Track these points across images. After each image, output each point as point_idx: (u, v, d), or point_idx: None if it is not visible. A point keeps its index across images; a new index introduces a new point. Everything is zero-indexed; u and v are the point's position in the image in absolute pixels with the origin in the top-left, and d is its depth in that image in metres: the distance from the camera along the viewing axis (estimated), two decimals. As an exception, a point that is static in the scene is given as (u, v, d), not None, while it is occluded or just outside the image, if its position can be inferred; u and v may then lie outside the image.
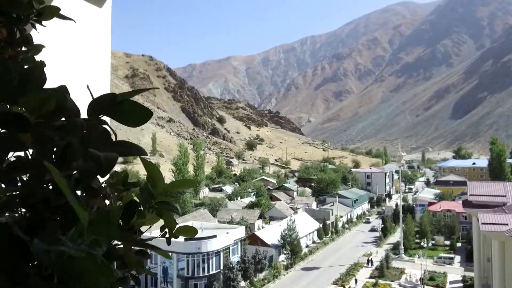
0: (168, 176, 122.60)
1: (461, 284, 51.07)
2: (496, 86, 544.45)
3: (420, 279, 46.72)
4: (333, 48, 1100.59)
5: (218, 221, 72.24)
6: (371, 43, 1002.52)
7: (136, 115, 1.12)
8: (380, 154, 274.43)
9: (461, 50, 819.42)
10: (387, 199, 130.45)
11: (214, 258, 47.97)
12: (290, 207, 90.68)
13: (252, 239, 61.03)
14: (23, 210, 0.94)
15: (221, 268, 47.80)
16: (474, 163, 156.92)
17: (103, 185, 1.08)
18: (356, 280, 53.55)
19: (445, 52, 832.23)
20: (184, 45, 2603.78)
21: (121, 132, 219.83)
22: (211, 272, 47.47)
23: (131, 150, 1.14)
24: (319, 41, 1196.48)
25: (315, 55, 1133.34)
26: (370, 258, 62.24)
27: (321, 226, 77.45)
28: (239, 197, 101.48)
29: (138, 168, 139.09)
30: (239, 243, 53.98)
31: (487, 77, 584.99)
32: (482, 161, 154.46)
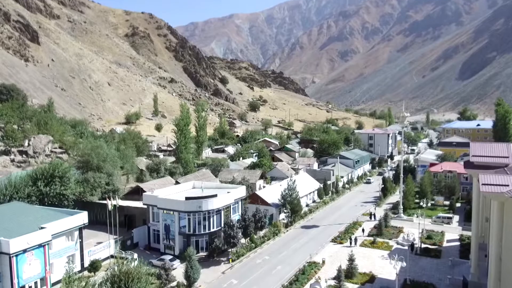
0: (170, 136, 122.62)
1: (458, 243, 51.97)
2: (506, 46, 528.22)
3: (410, 244, 47.16)
4: (340, 5, 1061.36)
5: (219, 181, 72.95)
6: (379, 0, 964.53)
7: None
8: (384, 116, 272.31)
9: (473, 8, 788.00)
10: (389, 160, 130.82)
11: (215, 216, 48.71)
12: (292, 168, 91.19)
13: (253, 198, 61.81)
14: None
15: (222, 225, 48.65)
16: (478, 125, 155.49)
17: None
18: (363, 230, 56.59)
19: (455, 10, 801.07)
20: (185, 2, 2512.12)
21: (123, 93, 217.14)
22: (212, 230, 48.39)
23: None
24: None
25: (321, 12, 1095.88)
26: (373, 213, 65.27)
27: (321, 186, 78.13)
28: (241, 158, 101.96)
29: (140, 129, 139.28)
30: (240, 202, 54.64)
31: (498, 37, 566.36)
32: (487, 123, 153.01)
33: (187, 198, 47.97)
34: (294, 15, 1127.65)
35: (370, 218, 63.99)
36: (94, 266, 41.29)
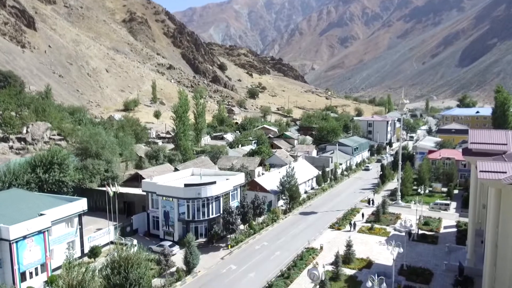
0: (169, 123, 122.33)
1: (454, 229, 52.44)
2: (507, 32, 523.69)
3: (408, 231, 47.37)
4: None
5: (218, 168, 73.09)
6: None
7: None
8: (383, 103, 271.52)
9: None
10: (388, 147, 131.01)
11: (214, 203, 48.94)
12: (290, 155, 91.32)
13: (251, 185, 62.04)
14: None
15: (221, 212, 48.94)
16: (477, 112, 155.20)
17: None
18: (362, 214, 57.58)
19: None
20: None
21: (121, 79, 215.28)
22: (211, 216, 48.69)
23: None
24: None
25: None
26: (372, 199, 66.13)
27: (320, 173, 78.36)
28: (240, 145, 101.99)
29: (138, 116, 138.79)
30: (239, 189, 54.84)
31: (499, 23, 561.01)
32: (486, 110, 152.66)
33: (186, 185, 48.10)
34: (294, 0, 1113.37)
35: (369, 204, 64.60)
36: (94, 252, 41.65)
